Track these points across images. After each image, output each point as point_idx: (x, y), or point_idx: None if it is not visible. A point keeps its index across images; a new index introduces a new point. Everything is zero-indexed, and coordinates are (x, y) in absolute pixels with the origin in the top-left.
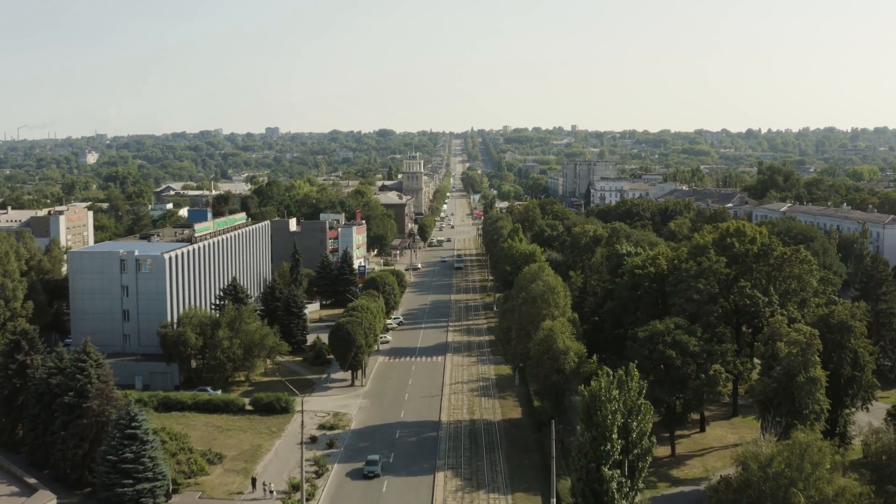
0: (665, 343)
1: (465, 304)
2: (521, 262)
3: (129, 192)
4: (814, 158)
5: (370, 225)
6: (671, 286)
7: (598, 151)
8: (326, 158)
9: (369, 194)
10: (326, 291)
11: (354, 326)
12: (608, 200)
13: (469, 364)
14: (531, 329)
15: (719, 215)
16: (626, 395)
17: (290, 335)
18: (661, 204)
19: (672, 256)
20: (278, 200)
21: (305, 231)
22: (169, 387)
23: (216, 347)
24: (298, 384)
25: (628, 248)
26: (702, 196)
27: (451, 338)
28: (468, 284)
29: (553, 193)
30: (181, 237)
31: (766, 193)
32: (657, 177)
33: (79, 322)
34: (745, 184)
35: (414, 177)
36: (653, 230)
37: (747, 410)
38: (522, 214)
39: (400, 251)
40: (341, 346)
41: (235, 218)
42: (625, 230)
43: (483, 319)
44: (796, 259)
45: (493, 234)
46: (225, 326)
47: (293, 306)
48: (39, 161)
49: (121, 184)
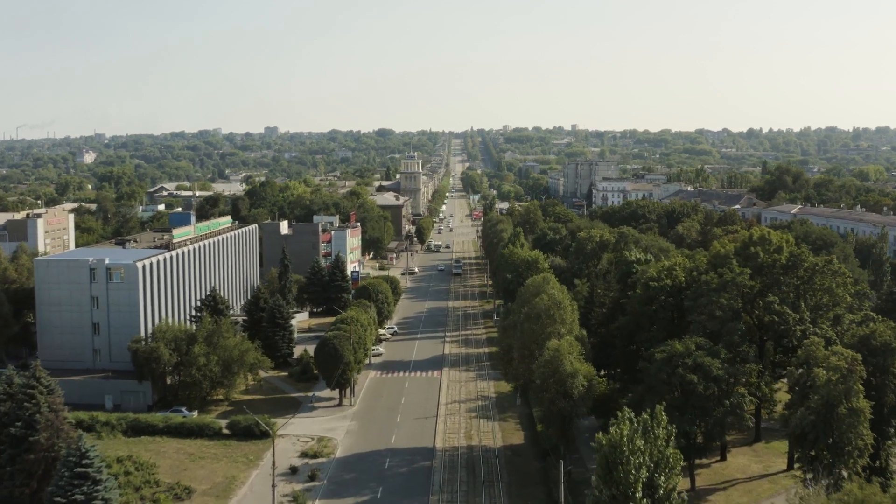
0: (685, 366)
1: (464, 311)
2: (522, 269)
3: (121, 193)
4: (816, 158)
5: (365, 227)
6: (690, 301)
7: (598, 151)
8: (325, 158)
9: (365, 195)
10: (317, 299)
11: (342, 341)
12: (611, 201)
13: (467, 380)
14: (535, 348)
15: (729, 218)
16: (651, 445)
17: (275, 348)
18: (667, 206)
19: (690, 267)
20: (271, 202)
21: (297, 234)
22: (141, 406)
23: (191, 365)
24: (282, 403)
25: (637, 254)
26: (708, 197)
27: (448, 350)
28: (467, 290)
29: (554, 194)
30: (160, 243)
31: (775, 195)
32: (660, 177)
33: (46, 335)
34: (750, 184)
35: (412, 177)
36: (659, 233)
37: (770, 434)
38: (523, 216)
39: (396, 254)
40: (328, 362)
41: (220, 222)
42: (633, 235)
43: (482, 329)
44: (828, 270)
45: (493, 238)
46: (201, 341)
47: (278, 317)
48: (36, 161)
49: (116, 184)
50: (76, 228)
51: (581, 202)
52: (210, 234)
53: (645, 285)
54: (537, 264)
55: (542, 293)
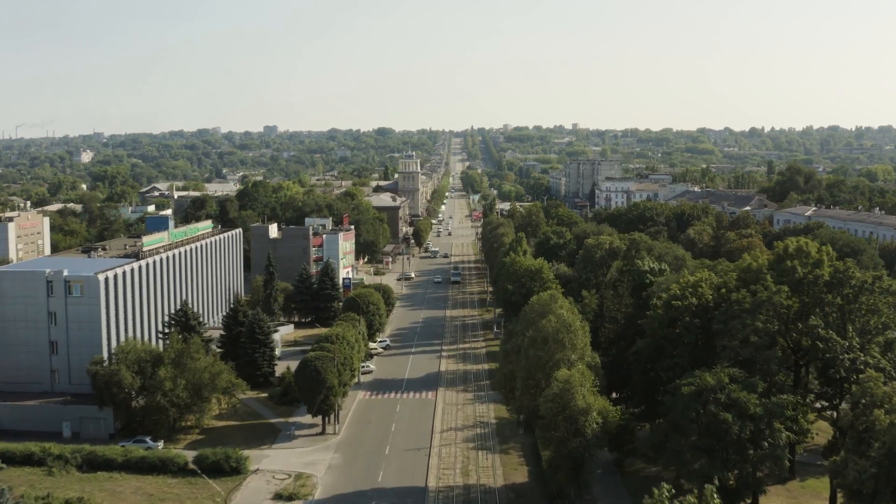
0: (717, 402)
1: (462, 321)
2: (525, 279)
3: (110, 193)
4: (820, 157)
5: (360, 230)
6: (719, 323)
7: (599, 150)
8: (324, 157)
9: (360, 196)
10: (305, 308)
11: (325, 363)
12: (614, 202)
13: (464, 402)
14: (541, 377)
15: (742, 221)
16: None
17: (255, 366)
18: (675, 208)
19: (718, 284)
20: (263, 203)
21: (287, 238)
22: (102, 435)
23: (156, 390)
24: (259, 431)
25: (650, 263)
26: (717, 198)
27: (445, 366)
28: (465, 298)
29: (555, 194)
30: (130, 251)
31: (787, 196)
32: (665, 176)
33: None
34: (758, 184)
35: (410, 177)
36: (668, 237)
37: (805, 470)
38: (525, 219)
39: (392, 258)
40: (309, 387)
41: (198, 227)
42: (646, 242)
43: (482, 342)
44: (878, 288)
45: (493, 242)
46: (168, 363)
47: (258, 332)
48: (33, 160)
49: (110, 183)
50: (59, 231)
51: (583, 203)
52: (187, 240)
53: (667, 304)
54: (541, 274)
55: (549, 313)
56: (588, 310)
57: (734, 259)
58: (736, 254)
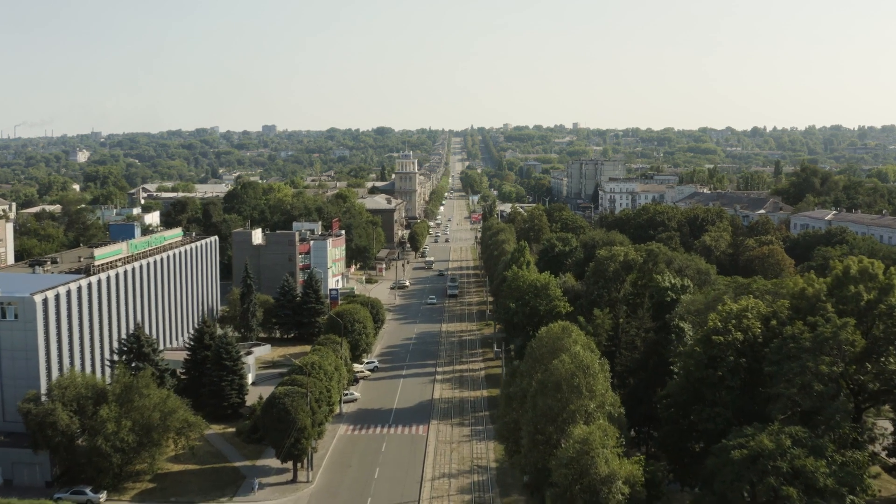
0: (778, 472)
1: (459, 337)
2: (529, 296)
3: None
4: (825, 157)
5: (351, 235)
6: (773, 365)
7: (601, 150)
8: (322, 157)
9: (353, 199)
10: (288, 323)
11: (296, 401)
12: (619, 203)
13: (460, 439)
14: (552, 432)
15: (761, 226)
16: None
17: (222, 397)
18: (687, 211)
19: (766, 314)
20: (251, 205)
21: (271, 245)
22: (38, 483)
23: (97, 432)
24: (220, 478)
25: (671, 278)
26: (728, 201)
27: (439, 392)
28: (463, 309)
29: (557, 194)
30: (83, 264)
31: (802, 198)
32: (670, 177)
33: None
34: (765, 185)
35: (407, 177)
36: (681, 243)
37: None
38: (527, 223)
39: (386, 264)
40: (276, 428)
41: (165, 236)
42: (664, 253)
43: (480, 362)
44: None
45: (493, 250)
46: (112, 401)
47: (226, 357)
48: (29, 160)
49: (102, 184)
50: (34, 236)
51: (587, 204)
52: (151, 251)
53: (706, 340)
54: (548, 291)
55: (561, 351)
56: (600, 331)
57: (754, 269)
58: (756, 262)
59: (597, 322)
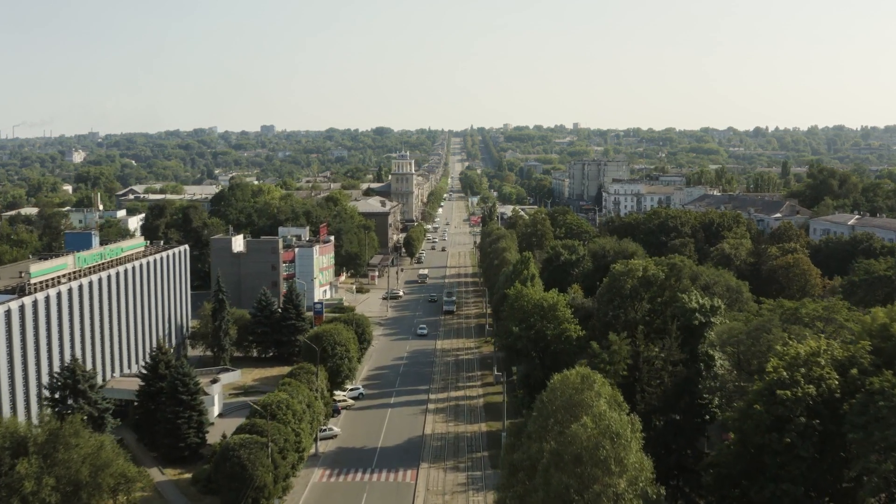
0: None
1: (456, 356)
2: (535, 318)
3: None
4: (829, 157)
5: (341, 241)
6: (856, 430)
7: (602, 150)
8: (320, 157)
9: (344, 202)
10: (266, 342)
11: (254, 453)
12: (623, 205)
13: (454, 489)
14: None
15: (784, 233)
16: None
17: (178, 437)
18: (702, 216)
19: (842, 359)
20: (238, 208)
21: (253, 253)
22: None
23: (14, 492)
24: None
25: (698, 298)
26: (741, 203)
27: (432, 426)
28: (461, 323)
29: (558, 196)
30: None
31: (819, 200)
32: (676, 178)
33: None
34: (775, 186)
35: (404, 178)
36: (695, 249)
37: None
38: (529, 227)
39: (379, 272)
40: (230, 486)
41: (123, 247)
42: (689, 268)
43: (479, 387)
44: None
45: (493, 258)
46: (33, 453)
47: (182, 391)
48: (24, 160)
49: (93, 184)
50: (6, 242)
51: (590, 206)
52: (103, 265)
53: (768, 395)
54: (556, 312)
55: (579, 408)
56: (617, 359)
57: (777, 280)
58: (780, 272)
59: (613, 349)
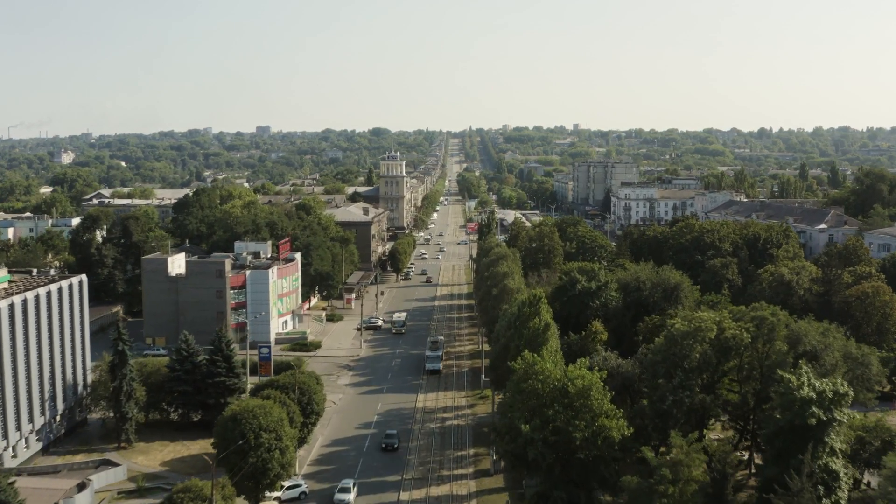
0: None
1: (442, 423)
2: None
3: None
4: (838, 158)
5: (310, 258)
6: None
7: (603, 151)
8: (314, 158)
9: (319, 210)
10: (188, 403)
11: None
12: (635, 212)
13: None
14: None
15: (853, 252)
16: None
17: None
18: (741, 228)
19: None
20: (199, 217)
21: (194, 276)
22: None
23: None
24: None
25: (811, 378)
26: (777, 212)
27: None
28: (450, 365)
29: (562, 200)
30: None
31: (869, 208)
32: (690, 181)
33: None
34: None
35: (393, 181)
36: (739, 272)
37: None
38: (535, 242)
39: (357, 293)
40: None
41: None
42: (784, 323)
43: (471, 478)
44: None
45: (491, 285)
46: None
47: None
48: (11, 161)
49: (69, 187)
50: None
51: (596, 211)
52: None
53: None
54: (588, 400)
55: None
56: (689, 487)
57: (851, 313)
58: (855, 306)
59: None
